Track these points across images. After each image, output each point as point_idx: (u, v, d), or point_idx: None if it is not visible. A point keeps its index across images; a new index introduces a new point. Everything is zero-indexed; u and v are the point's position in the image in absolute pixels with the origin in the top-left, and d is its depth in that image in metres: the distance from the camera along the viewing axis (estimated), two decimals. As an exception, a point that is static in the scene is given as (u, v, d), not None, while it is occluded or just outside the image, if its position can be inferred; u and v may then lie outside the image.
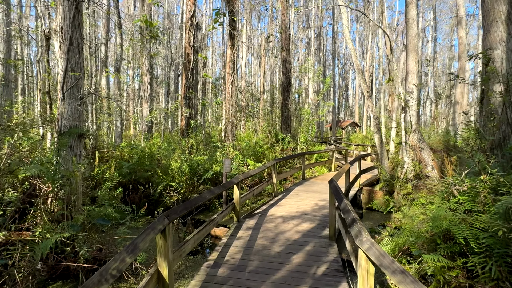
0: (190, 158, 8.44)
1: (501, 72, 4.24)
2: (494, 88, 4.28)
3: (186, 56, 11.94)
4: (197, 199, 3.59)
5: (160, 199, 7.61)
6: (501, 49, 4.31)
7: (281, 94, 15.78)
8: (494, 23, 4.36)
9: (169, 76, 21.89)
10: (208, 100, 30.64)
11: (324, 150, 13.57)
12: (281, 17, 15.12)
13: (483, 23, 4.61)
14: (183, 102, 12.15)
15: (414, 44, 11.96)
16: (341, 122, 36.36)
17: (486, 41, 4.48)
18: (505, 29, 4.28)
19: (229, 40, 11.35)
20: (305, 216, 6.44)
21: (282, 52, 15.15)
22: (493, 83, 4.30)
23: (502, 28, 4.30)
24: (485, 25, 4.53)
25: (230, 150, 10.55)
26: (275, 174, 8.61)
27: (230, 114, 11.27)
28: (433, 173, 8.87)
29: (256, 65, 44.27)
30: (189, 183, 8.00)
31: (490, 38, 4.40)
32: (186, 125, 12.20)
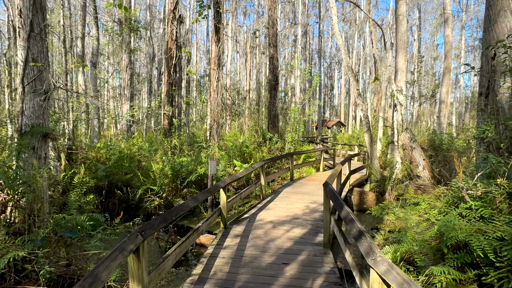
0: (173, 159, 7.90)
1: (509, 66, 4.00)
2: (500, 84, 4.04)
3: (169, 51, 11.32)
4: (178, 208, 3.12)
5: (141, 204, 7.04)
6: (508, 41, 4.07)
7: (268, 92, 15.39)
8: (502, 13, 4.12)
9: (151, 73, 21.05)
10: (193, 99, 29.90)
11: (312, 150, 13.29)
12: (268, 12, 14.71)
13: (488, 14, 4.37)
14: (166, 100, 11.53)
15: (404, 41, 11.84)
16: (327, 122, 36.46)
17: (493, 32, 4.23)
18: None
19: (214, 34, 10.83)
20: (296, 220, 6.06)
21: (269, 49, 14.76)
22: (500, 78, 4.06)
23: (511, 18, 4.06)
24: (491, 15, 4.28)
25: (216, 150, 10.05)
26: (263, 176, 8.20)
27: (215, 112, 10.76)
28: (424, 173, 8.72)
29: (242, 63, 43.74)
30: (172, 186, 7.46)
31: (497, 29, 4.15)
32: (169, 125, 11.59)
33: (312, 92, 33.45)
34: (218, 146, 10.83)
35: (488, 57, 4.48)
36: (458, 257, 3.11)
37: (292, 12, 35.36)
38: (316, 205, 7.30)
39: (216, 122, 10.94)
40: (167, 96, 11.50)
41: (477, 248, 2.57)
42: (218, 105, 10.88)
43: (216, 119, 10.82)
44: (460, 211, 3.20)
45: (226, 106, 19.90)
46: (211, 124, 11.11)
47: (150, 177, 7.72)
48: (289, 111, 24.22)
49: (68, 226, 4.13)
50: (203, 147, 9.10)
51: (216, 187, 4.86)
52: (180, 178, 7.36)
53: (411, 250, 3.65)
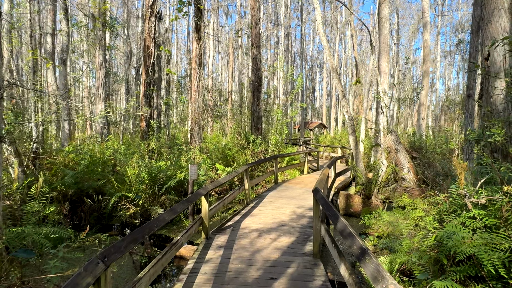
0: (150, 164, 7.36)
1: (503, 67, 3.88)
2: (496, 85, 3.90)
3: (146, 49, 10.72)
4: (152, 223, 2.69)
5: (114, 213, 6.46)
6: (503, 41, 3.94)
7: (251, 94, 15.05)
8: (496, 12, 4.00)
9: (129, 73, 20.18)
10: (173, 100, 29.08)
11: (297, 153, 13.07)
12: (250, 11, 14.40)
13: (482, 13, 4.24)
14: (143, 101, 10.91)
15: (387, 44, 11.88)
16: (309, 124, 36.67)
17: (486, 32, 4.11)
18: (508, 19, 3.93)
19: (194, 33, 10.36)
20: (283, 227, 5.73)
21: (252, 49, 14.44)
22: (494, 79, 3.93)
23: (505, 17, 3.95)
24: (485, 14, 4.16)
25: (197, 153, 9.57)
26: (247, 180, 7.83)
27: (197, 114, 10.28)
28: (409, 175, 8.67)
29: (224, 65, 43.26)
30: (149, 192, 6.92)
31: (491, 29, 4.03)
32: (147, 127, 10.97)
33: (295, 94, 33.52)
34: (199, 149, 10.34)
35: (482, 58, 4.35)
36: (461, 270, 2.86)
37: (275, 13, 35.35)
38: (303, 210, 7.01)
39: (197, 124, 10.46)
40: (145, 96, 10.88)
41: (488, 263, 2.32)
42: (199, 106, 10.41)
43: (197, 121, 10.33)
44: (462, 220, 2.96)
45: (207, 107, 19.37)
46: (192, 126, 10.61)
47: (126, 183, 7.15)
48: (272, 113, 24.01)
49: (22, 244, 3.57)
50: (183, 150, 8.59)
51: (197, 195, 4.43)
52: (158, 184, 6.84)
53: (409, 261, 3.39)
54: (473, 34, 5.41)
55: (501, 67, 4.17)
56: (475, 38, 5.35)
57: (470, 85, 5.32)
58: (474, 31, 5.38)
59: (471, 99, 5.29)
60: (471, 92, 5.29)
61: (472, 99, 5.28)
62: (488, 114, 3.96)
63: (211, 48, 25.80)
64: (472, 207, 2.91)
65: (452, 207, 3.13)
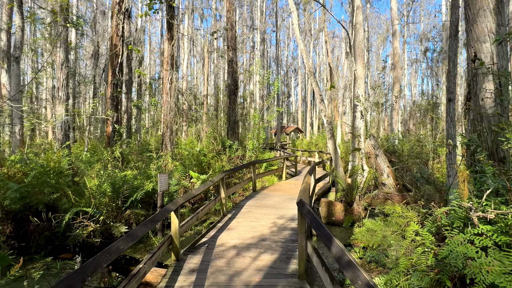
0: (114, 173, 6.57)
1: (491, 68, 3.68)
2: (483, 87, 3.70)
3: (113, 47, 9.86)
4: (99, 259, 2.07)
5: (70, 231, 5.61)
6: (490, 42, 3.77)
7: (227, 97, 14.51)
8: (482, 12, 3.82)
9: (96, 74, 18.89)
10: (145, 104, 27.79)
11: (275, 158, 12.67)
12: (226, 13, 13.93)
13: (467, 14, 4.07)
14: (110, 103, 10.00)
15: (362, 50, 11.86)
16: (286, 128, 36.67)
17: (472, 33, 3.92)
18: (494, 19, 3.76)
19: (166, 31, 9.68)
20: (264, 242, 5.21)
21: (228, 52, 13.94)
22: (482, 81, 3.74)
23: (491, 18, 3.78)
24: (470, 15, 3.99)
25: (169, 160, 8.85)
26: (224, 189, 7.25)
27: (168, 117, 9.56)
28: (389, 180, 8.53)
29: (199, 68, 42.37)
30: (112, 206, 6.13)
31: (477, 30, 3.84)
32: (113, 132, 10.05)
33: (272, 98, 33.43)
34: (171, 156, 9.60)
35: (468, 60, 4.16)
36: (472, 295, 2.50)
37: (250, 18, 35.21)
38: (284, 221, 6.55)
39: (169, 128, 9.73)
40: (111, 98, 9.97)
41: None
42: (172, 110, 9.69)
43: (169, 125, 9.61)
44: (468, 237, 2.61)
45: (182, 111, 18.55)
46: (164, 131, 9.86)
47: (85, 196, 6.30)
48: (248, 117, 23.58)
49: None
50: (153, 157, 7.85)
51: (164, 212, 3.80)
52: (122, 196, 6.07)
53: (410, 284, 3.00)
54: (452, 37, 5.28)
55: (489, 68, 3.99)
56: (453, 42, 5.22)
57: (451, 88, 5.15)
58: (453, 35, 5.25)
59: (452, 103, 5.13)
60: (452, 96, 5.12)
61: (452, 103, 5.11)
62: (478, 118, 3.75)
63: (186, 51, 24.99)
64: (479, 223, 2.58)
65: (455, 222, 2.79)
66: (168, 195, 7.29)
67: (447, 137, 5.20)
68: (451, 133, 5.08)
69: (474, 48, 3.90)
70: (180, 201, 4.45)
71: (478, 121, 3.74)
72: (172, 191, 7.43)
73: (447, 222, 2.89)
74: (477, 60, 3.79)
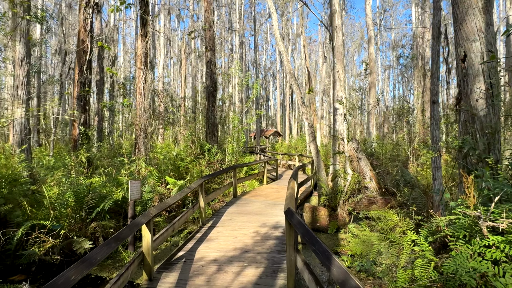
0: (78, 181, 5.87)
1: (481, 68, 3.54)
2: (475, 88, 3.55)
3: (81, 43, 9.07)
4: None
5: (23, 249, 4.88)
6: (480, 41, 3.64)
7: (206, 99, 13.99)
8: (471, 11, 3.69)
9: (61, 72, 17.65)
10: (119, 106, 26.50)
11: (256, 162, 12.29)
12: (204, 13, 13.45)
13: (455, 12, 3.94)
14: (76, 104, 9.17)
15: (341, 53, 11.83)
16: (265, 132, 36.49)
17: (461, 32, 3.78)
18: (483, 18, 3.64)
19: (140, 27, 9.05)
20: (247, 255, 4.79)
21: (207, 52, 13.45)
22: (473, 81, 3.59)
23: (480, 17, 3.66)
24: (458, 13, 3.85)
25: (142, 165, 8.20)
26: (203, 196, 6.77)
27: (142, 119, 8.90)
28: (372, 184, 8.41)
29: (176, 70, 41.36)
30: (76, 218, 5.44)
31: (466, 29, 3.70)
32: (80, 134, 9.22)
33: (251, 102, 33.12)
34: (145, 160, 8.94)
35: (457, 59, 4.01)
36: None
37: (229, 21, 34.88)
38: (268, 229, 6.16)
39: (144, 131, 9.07)
40: (78, 98, 9.15)
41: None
42: (146, 111, 9.05)
43: (143, 128, 8.95)
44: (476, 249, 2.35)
45: (158, 113, 17.72)
46: (137, 134, 9.18)
47: (45, 206, 5.56)
48: (227, 120, 23.09)
49: None
50: (124, 162, 7.18)
51: (133, 226, 3.28)
52: (86, 207, 5.40)
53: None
54: (434, 39, 5.20)
55: (479, 69, 3.86)
56: (436, 44, 5.15)
57: (434, 91, 5.05)
58: (435, 36, 5.17)
59: (436, 105, 5.02)
60: (435, 98, 5.02)
61: (437, 105, 5.01)
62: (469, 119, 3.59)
63: (162, 51, 24.13)
64: (489, 233, 2.33)
65: (461, 232, 2.53)
66: (141, 204, 6.67)
67: (432, 140, 5.07)
68: (435, 135, 4.96)
69: (463, 48, 3.76)
70: (153, 212, 3.93)
71: (470, 122, 3.59)
72: (146, 199, 6.82)
73: (451, 232, 2.63)
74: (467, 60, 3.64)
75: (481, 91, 3.52)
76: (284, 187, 11.63)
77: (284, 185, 12.22)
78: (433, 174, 4.77)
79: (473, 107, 3.62)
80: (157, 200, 7.86)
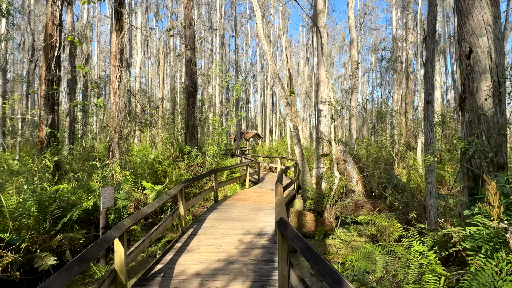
0: (43, 188, 5.25)
1: (489, 65, 3.42)
2: (481, 86, 3.42)
3: (49, 38, 8.34)
4: None
5: (-26, 266, 4.23)
6: (487, 36, 3.50)
7: (186, 100, 13.46)
8: (477, 3, 3.56)
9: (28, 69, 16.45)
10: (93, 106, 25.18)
11: (238, 165, 11.93)
12: (184, 10, 12.96)
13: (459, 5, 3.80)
14: (43, 103, 8.41)
15: (325, 53, 11.76)
16: (245, 134, 36.15)
17: (467, 26, 3.64)
18: (490, 11, 3.52)
19: (114, 22, 8.45)
20: (232, 266, 4.43)
21: (186, 51, 12.95)
22: (479, 79, 3.45)
23: (487, 9, 3.53)
24: (463, 6, 3.71)
25: (117, 170, 7.61)
26: (183, 203, 6.33)
27: (117, 120, 8.30)
28: (358, 187, 8.31)
29: (154, 71, 40.21)
30: (39, 230, 4.84)
31: (472, 23, 3.56)
32: (48, 137, 8.46)
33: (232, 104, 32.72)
34: (120, 164, 8.34)
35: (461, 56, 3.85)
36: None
37: (209, 21, 34.34)
38: (252, 237, 5.82)
39: (118, 133, 8.46)
40: (45, 97, 8.39)
41: None
42: (121, 111, 8.45)
43: (117, 129, 8.34)
44: (504, 266, 2.13)
45: (135, 115, 16.93)
46: (111, 136, 8.56)
47: (4, 217, 4.90)
48: (207, 122, 22.53)
49: None
50: (96, 166, 6.58)
51: (103, 243, 2.83)
52: (51, 217, 4.80)
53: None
54: (429, 37, 5.08)
55: (486, 65, 3.72)
56: (431, 41, 5.02)
57: (429, 91, 4.94)
58: (430, 34, 5.05)
59: (430, 106, 4.91)
60: (430, 98, 4.91)
61: (431, 105, 4.89)
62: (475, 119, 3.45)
63: (139, 50, 23.21)
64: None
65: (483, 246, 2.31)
66: (115, 212, 6.12)
67: (425, 141, 4.95)
68: (429, 137, 4.84)
69: (469, 43, 3.61)
70: (127, 224, 3.49)
71: (476, 123, 3.45)
72: (120, 206, 6.27)
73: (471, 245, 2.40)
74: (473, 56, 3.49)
75: (490, 90, 3.38)
76: (267, 190, 11.34)
77: (267, 188, 11.94)
78: (427, 177, 4.64)
79: (479, 106, 3.47)
80: (133, 207, 7.30)
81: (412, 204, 5.35)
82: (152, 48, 39.46)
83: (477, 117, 3.48)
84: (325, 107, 10.70)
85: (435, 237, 3.05)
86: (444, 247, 2.96)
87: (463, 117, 3.73)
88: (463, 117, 3.73)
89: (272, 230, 6.20)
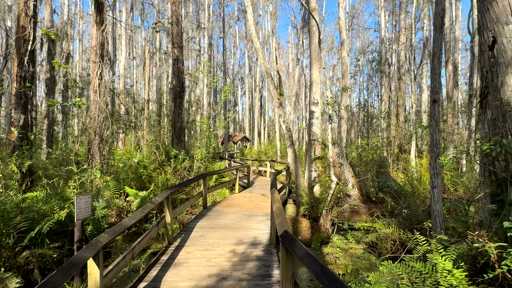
0: (8, 197, 4.61)
1: None
2: (506, 80, 3.12)
3: (21, 30, 7.65)
4: None
5: None
6: None
7: (173, 101, 12.88)
8: None
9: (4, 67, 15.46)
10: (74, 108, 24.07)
11: (227, 169, 11.43)
12: (171, 6, 12.42)
13: None
14: (15, 102, 7.68)
15: (318, 53, 11.50)
16: (233, 137, 35.65)
17: (490, 13, 3.32)
18: None
19: (95, 13, 7.85)
20: (225, 283, 3.96)
21: (173, 50, 12.40)
22: (505, 72, 3.14)
23: None
24: None
25: (97, 175, 6.98)
26: (170, 211, 5.80)
27: (98, 121, 7.67)
28: (354, 191, 8.00)
29: (139, 72, 39.17)
30: (3, 245, 4.21)
31: (497, 9, 3.25)
32: (20, 139, 7.73)
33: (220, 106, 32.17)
34: (101, 169, 7.70)
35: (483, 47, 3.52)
36: None
37: (197, 20, 33.76)
38: (246, 247, 5.36)
39: (99, 134, 7.83)
40: (17, 96, 7.68)
41: None
42: (102, 112, 7.83)
43: (98, 131, 7.71)
44: None
45: (118, 116, 16.15)
46: (91, 138, 7.91)
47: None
48: (195, 124, 21.91)
49: None
50: (73, 171, 5.96)
51: (70, 268, 2.30)
52: (15, 231, 4.16)
53: None
54: (437, 31, 4.81)
55: None
56: (439, 36, 4.75)
57: (436, 89, 4.65)
58: (438, 27, 4.78)
59: (437, 104, 4.61)
60: (437, 97, 4.63)
61: (437, 104, 4.59)
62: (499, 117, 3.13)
63: (124, 49, 22.39)
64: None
65: None
66: (93, 222, 5.52)
67: (431, 142, 4.65)
68: (435, 138, 4.54)
69: (492, 32, 3.29)
70: (103, 241, 2.97)
71: (500, 121, 3.14)
72: (100, 216, 5.68)
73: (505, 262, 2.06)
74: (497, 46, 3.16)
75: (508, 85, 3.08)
76: (258, 195, 10.90)
77: (257, 193, 11.50)
78: (432, 181, 4.33)
79: (506, 102, 3.16)
80: (114, 216, 6.70)
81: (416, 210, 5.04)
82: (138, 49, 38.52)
83: (502, 114, 3.18)
84: (317, 108, 10.39)
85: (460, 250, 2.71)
86: (471, 262, 2.62)
87: (485, 115, 3.43)
88: (485, 115, 3.43)
89: (267, 239, 5.77)
